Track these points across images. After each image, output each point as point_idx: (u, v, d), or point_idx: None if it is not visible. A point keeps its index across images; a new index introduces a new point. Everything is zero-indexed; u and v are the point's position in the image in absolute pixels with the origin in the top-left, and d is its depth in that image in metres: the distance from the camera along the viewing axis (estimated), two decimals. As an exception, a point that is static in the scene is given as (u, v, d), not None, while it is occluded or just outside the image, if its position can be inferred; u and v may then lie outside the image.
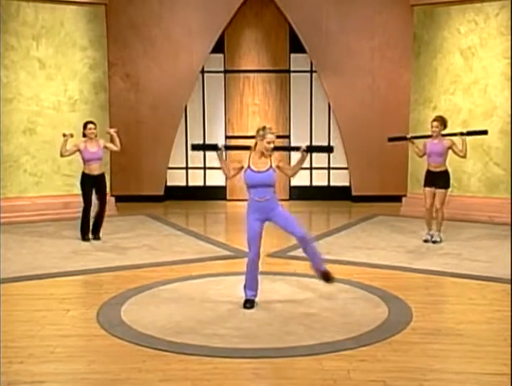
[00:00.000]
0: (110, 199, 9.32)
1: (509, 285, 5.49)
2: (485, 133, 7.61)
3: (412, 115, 9.71)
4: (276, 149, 4.89)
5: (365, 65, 10.69)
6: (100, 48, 9.71)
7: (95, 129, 7.58)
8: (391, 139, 8.12)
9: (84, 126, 7.65)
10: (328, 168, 11.21)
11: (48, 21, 9.21)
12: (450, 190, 7.54)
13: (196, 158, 11.37)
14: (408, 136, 7.65)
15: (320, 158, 10.73)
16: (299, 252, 6.67)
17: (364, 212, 9.76)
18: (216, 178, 11.46)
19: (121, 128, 8.23)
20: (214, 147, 4.88)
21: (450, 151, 7.25)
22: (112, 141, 7.78)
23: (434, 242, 7.27)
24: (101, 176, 7.63)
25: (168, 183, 11.29)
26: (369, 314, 4.70)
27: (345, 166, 11.01)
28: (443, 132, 7.25)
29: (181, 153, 11.28)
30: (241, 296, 4.96)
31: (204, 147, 5.11)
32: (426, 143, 7.36)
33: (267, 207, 4.82)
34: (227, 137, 11.33)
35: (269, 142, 4.76)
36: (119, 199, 9.96)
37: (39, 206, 9.13)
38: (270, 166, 4.80)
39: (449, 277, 5.85)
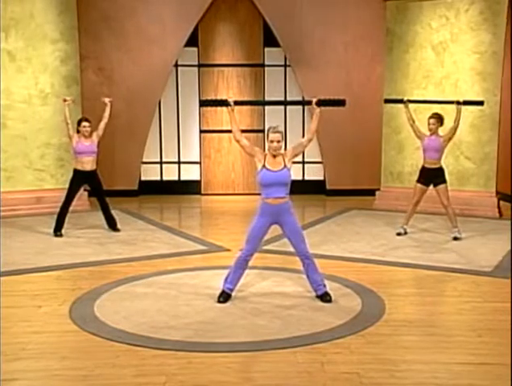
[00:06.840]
0: (84, 194, 9.23)
1: (478, 277, 5.64)
2: (481, 103, 7.58)
3: (385, 109, 9.79)
4: (288, 103, 4.93)
5: (338, 59, 10.74)
6: (71, 41, 9.57)
7: (89, 127, 7.49)
8: (387, 101, 8.30)
9: (79, 123, 7.57)
10: (303, 162, 11.24)
11: (17, 12, 9.03)
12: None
13: (171, 152, 11.31)
14: (405, 99, 7.69)
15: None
16: (275, 246, 6.75)
17: (338, 206, 9.83)
18: (190, 173, 11.42)
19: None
20: (224, 103, 4.85)
21: (446, 148, 7.20)
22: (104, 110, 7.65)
23: (455, 239, 7.10)
24: (94, 172, 7.50)
25: (142, 178, 11.21)
26: (343, 307, 4.74)
27: (320, 160, 11.07)
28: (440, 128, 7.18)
29: (155, 147, 11.20)
30: (217, 289, 4.96)
31: (214, 103, 5.09)
32: (423, 138, 7.27)
33: (280, 210, 4.83)
34: (201, 131, 11.29)
35: (272, 141, 4.78)
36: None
37: (10, 201, 8.98)
38: (285, 166, 4.84)
39: (421, 269, 5.94)
